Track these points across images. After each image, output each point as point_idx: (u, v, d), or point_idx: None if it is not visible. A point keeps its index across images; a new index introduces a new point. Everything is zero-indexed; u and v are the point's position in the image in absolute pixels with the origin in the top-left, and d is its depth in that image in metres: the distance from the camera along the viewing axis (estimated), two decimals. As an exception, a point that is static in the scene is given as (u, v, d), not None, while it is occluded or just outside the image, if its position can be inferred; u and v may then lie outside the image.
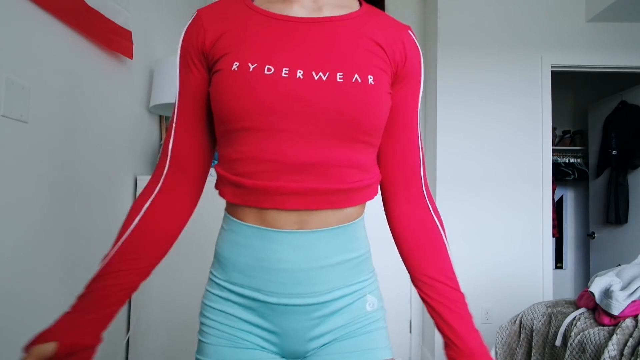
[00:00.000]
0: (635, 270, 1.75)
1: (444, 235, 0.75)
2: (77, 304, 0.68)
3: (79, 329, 0.65)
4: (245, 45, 0.65)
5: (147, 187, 0.73)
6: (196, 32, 0.68)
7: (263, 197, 0.65)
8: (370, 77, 0.64)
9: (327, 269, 0.67)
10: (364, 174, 0.68)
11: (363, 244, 0.73)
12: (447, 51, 2.82)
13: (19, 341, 1.17)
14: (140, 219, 0.70)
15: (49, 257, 1.30)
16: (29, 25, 1.19)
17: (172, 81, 1.82)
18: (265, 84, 0.62)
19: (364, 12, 0.71)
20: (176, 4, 2.42)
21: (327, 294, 0.67)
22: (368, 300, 0.71)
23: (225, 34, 0.67)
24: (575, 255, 4.25)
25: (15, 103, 1.13)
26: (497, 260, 2.76)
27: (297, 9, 0.68)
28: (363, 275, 0.72)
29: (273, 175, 0.64)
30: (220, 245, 0.72)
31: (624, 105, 3.45)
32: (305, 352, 0.70)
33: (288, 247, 0.65)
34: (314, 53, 0.65)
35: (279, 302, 0.66)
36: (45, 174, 1.28)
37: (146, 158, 1.97)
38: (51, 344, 0.62)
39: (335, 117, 0.63)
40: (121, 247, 0.69)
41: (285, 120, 0.62)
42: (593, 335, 1.58)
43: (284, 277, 0.65)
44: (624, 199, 3.38)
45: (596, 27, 2.83)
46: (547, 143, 2.82)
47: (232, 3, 0.70)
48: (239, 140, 0.65)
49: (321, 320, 0.68)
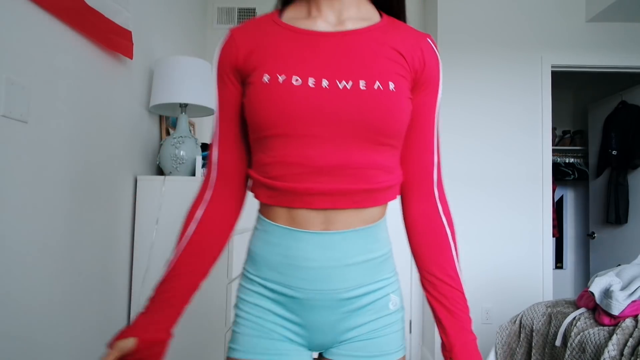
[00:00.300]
0: (635, 270, 1.75)
1: (450, 236, 0.78)
2: (149, 305, 0.76)
3: (154, 326, 0.74)
4: (274, 59, 0.71)
5: (199, 196, 0.80)
6: (229, 50, 0.75)
7: (293, 198, 0.71)
8: (391, 83, 0.69)
9: (350, 268, 0.72)
10: (387, 175, 0.73)
11: (384, 244, 0.77)
12: (446, 51, 2.82)
13: (18, 341, 1.17)
14: (196, 226, 0.78)
15: (48, 256, 1.30)
16: (29, 25, 1.19)
17: (172, 81, 1.82)
18: (293, 94, 0.68)
19: (384, 24, 0.76)
20: (176, 4, 2.42)
21: (351, 291, 0.72)
22: (391, 299, 0.77)
23: (256, 50, 0.73)
24: (575, 255, 4.25)
25: (15, 103, 1.13)
26: (497, 260, 2.76)
27: (320, 24, 0.74)
28: (385, 274, 0.76)
29: (301, 178, 0.69)
30: (253, 244, 0.78)
31: (624, 105, 3.44)
32: (331, 344, 0.76)
33: (314, 246, 0.71)
34: (337, 63, 0.70)
35: (306, 297, 0.72)
36: (45, 174, 1.28)
37: (146, 158, 1.97)
38: (131, 339, 0.71)
39: (359, 123, 0.68)
40: (182, 253, 0.77)
41: (312, 126, 0.68)
42: (593, 335, 1.58)
43: (310, 274, 0.71)
44: (624, 199, 3.37)
45: (596, 27, 2.83)
46: (547, 143, 2.82)
47: (262, 21, 0.77)
48: (270, 146, 0.71)
49: (346, 316, 0.73)
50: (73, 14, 1.35)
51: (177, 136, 1.87)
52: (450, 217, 0.79)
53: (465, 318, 0.75)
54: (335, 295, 0.72)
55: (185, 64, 1.84)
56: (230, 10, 3.11)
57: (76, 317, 1.45)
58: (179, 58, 1.86)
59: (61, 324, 1.37)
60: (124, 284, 1.78)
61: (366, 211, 0.73)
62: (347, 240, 0.72)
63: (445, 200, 0.80)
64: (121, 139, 1.74)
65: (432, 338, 2.79)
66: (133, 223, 1.82)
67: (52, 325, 1.32)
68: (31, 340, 1.23)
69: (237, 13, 3.11)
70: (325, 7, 0.74)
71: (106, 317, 1.64)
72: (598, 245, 3.69)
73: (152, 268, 1.78)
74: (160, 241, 1.78)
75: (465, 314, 0.76)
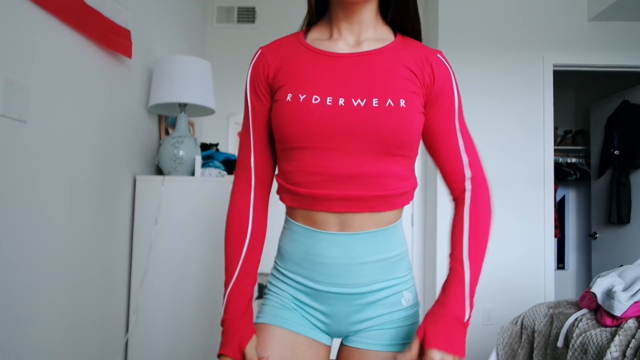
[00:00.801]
0: (637, 270, 1.74)
1: (466, 224, 0.83)
2: (233, 308, 0.83)
3: (250, 319, 0.83)
4: (297, 78, 0.80)
5: (240, 199, 0.88)
6: (261, 67, 0.85)
7: (312, 202, 0.80)
8: (402, 100, 0.77)
9: (363, 266, 0.80)
10: (399, 183, 0.80)
11: (397, 245, 0.84)
12: (448, 51, 2.81)
13: (18, 341, 1.16)
14: (252, 226, 0.87)
15: (47, 256, 1.29)
16: (28, 24, 1.18)
17: (171, 80, 1.81)
18: (313, 112, 0.77)
19: (397, 43, 0.84)
20: (175, 3, 2.42)
21: (364, 287, 0.81)
22: (404, 296, 0.84)
23: (282, 68, 0.83)
24: (577, 256, 4.23)
25: (13, 102, 1.12)
26: (499, 261, 2.75)
27: (341, 46, 0.83)
28: (399, 272, 0.84)
29: (321, 185, 0.78)
30: (281, 240, 0.89)
31: (626, 104, 3.43)
32: (347, 332, 0.85)
33: (331, 245, 0.80)
34: (353, 83, 0.78)
35: (326, 290, 0.81)
36: (44, 174, 1.27)
37: (145, 158, 1.97)
38: (254, 339, 0.80)
39: (372, 136, 0.76)
40: (247, 253, 0.86)
41: (330, 140, 0.77)
42: (595, 336, 1.57)
43: (328, 269, 0.80)
44: (626, 199, 3.36)
45: (598, 26, 2.81)
46: (549, 143, 2.81)
47: (289, 41, 0.86)
48: (293, 157, 0.80)
49: (361, 308, 0.82)
50: (72, 13, 1.35)
51: (176, 136, 1.86)
52: (476, 208, 0.83)
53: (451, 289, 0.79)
54: (351, 290, 0.80)
55: (184, 63, 1.83)
56: (230, 9, 3.11)
57: (75, 316, 1.45)
58: (178, 57, 1.85)
59: (60, 323, 1.36)
60: (122, 283, 1.77)
61: (379, 215, 0.80)
62: (361, 241, 0.80)
63: (479, 191, 0.84)
64: (120, 138, 1.73)
65: (433, 339, 2.78)
66: (132, 223, 1.82)
67: (52, 325, 1.32)
68: (31, 340, 1.22)
69: (236, 12, 3.11)
70: (345, 30, 0.83)
71: (105, 317, 1.64)
72: (600, 246, 3.67)
73: (151, 268, 1.77)
74: (159, 241, 1.78)
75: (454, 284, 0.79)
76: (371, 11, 0.83)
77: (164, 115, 2.12)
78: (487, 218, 0.84)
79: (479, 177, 0.85)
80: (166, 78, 1.82)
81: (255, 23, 3.10)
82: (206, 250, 1.78)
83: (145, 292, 1.77)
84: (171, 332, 1.77)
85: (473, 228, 0.82)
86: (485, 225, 0.84)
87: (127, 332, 1.78)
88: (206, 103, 1.86)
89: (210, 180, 1.84)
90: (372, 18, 0.83)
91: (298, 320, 0.84)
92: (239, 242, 0.85)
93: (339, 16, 0.83)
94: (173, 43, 2.36)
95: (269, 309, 0.86)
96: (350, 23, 0.82)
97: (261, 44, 0.91)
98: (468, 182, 0.85)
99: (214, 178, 1.85)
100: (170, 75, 1.81)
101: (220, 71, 2.86)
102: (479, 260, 0.81)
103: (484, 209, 0.84)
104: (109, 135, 1.64)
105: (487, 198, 0.85)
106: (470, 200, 0.84)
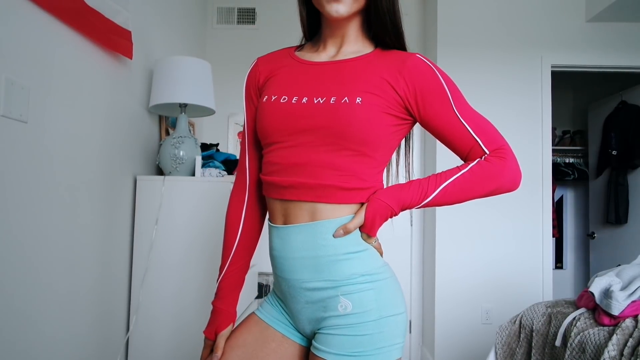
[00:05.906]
0: (635, 270, 1.75)
1: (471, 166, 0.83)
2: (220, 293, 0.97)
3: (233, 308, 0.97)
4: (278, 84, 0.89)
5: (235, 199, 0.98)
6: (254, 75, 0.95)
7: (268, 188, 0.88)
8: (359, 98, 0.80)
9: (296, 261, 0.83)
10: (345, 177, 0.81)
11: (338, 246, 0.81)
12: (446, 51, 2.82)
13: (17, 342, 1.17)
14: (241, 228, 0.97)
15: (48, 256, 1.30)
16: (29, 25, 1.19)
17: (171, 81, 1.82)
18: (279, 109, 0.84)
19: (374, 55, 0.88)
20: (176, 4, 2.42)
21: (303, 283, 0.83)
22: (340, 301, 0.80)
23: (270, 77, 0.92)
24: (575, 256, 4.24)
25: (14, 103, 1.13)
26: (497, 260, 2.76)
27: (322, 56, 0.91)
28: (336, 275, 0.81)
29: (276, 173, 0.85)
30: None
31: (624, 105, 3.44)
32: (310, 332, 0.87)
33: (276, 237, 0.87)
34: (320, 85, 0.84)
35: (281, 285, 0.88)
36: (45, 174, 1.28)
37: (145, 158, 1.97)
38: (229, 327, 0.95)
39: (325, 130, 0.80)
40: (234, 255, 0.96)
41: (291, 134, 0.83)
42: (593, 335, 1.58)
43: (277, 262, 0.87)
44: (624, 199, 3.37)
45: (596, 27, 2.83)
46: (547, 143, 2.82)
47: (282, 54, 0.95)
48: (266, 151, 0.89)
49: (307, 306, 0.84)
50: (73, 13, 1.35)
51: (176, 136, 1.87)
52: (489, 162, 0.83)
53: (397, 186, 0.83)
54: (295, 285, 0.84)
55: (185, 64, 1.84)
56: (230, 10, 3.11)
57: (76, 316, 1.45)
58: (178, 58, 1.86)
59: (61, 322, 1.37)
60: (123, 283, 1.78)
61: (316, 205, 0.82)
62: (292, 235, 0.83)
63: (498, 155, 0.83)
64: (121, 139, 1.74)
65: (432, 338, 2.79)
66: (132, 223, 1.82)
67: (52, 324, 1.32)
68: (31, 339, 1.22)
69: (236, 13, 3.11)
70: (330, 44, 0.91)
71: (106, 316, 1.64)
72: (598, 246, 3.69)
73: (152, 268, 1.78)
74: (160, 241, 1.78)
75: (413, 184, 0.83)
76: (354, 27, 0.89)
77: (165, 115, 2.12)
78: (498, 171, 0.82)
79: (500, 150, 0.84)
80: (166, 78, 1.82)
81: (255, 24, 3.11)
82: (206, 249, 1.78)
83: (146, 292, 1.77)
84: (172, 331, 1.77)
85: (474, 169, 0.82)
86: (492, 176, 0.82)
87: (128, 331, 1.79)
88: (206, 103, 1.87)
89: (210, 180, 1.84)
90: (354, 33, 0.89)
91: (275, 315, 0.92)
92: (230, 239, 0.96)
93: (326, 32, 0.91)
94: (173, 44, 2.37)
95: (266, 305, 0.95)
96: (334, 37, 0.90)
97: (261, 45, 0.95)
98: (486, 149, 0.84)
99: (214, 178, 1.86)
100: (171, 75, 1.82)
101: (221, 72, 2.87)
102: (456, 193, 0.82)
103: (497, 165, 0.82)
104: (109, 135, 1.65)
105: (503, 163, 0.83)
106: (486, 158, 0.83)
